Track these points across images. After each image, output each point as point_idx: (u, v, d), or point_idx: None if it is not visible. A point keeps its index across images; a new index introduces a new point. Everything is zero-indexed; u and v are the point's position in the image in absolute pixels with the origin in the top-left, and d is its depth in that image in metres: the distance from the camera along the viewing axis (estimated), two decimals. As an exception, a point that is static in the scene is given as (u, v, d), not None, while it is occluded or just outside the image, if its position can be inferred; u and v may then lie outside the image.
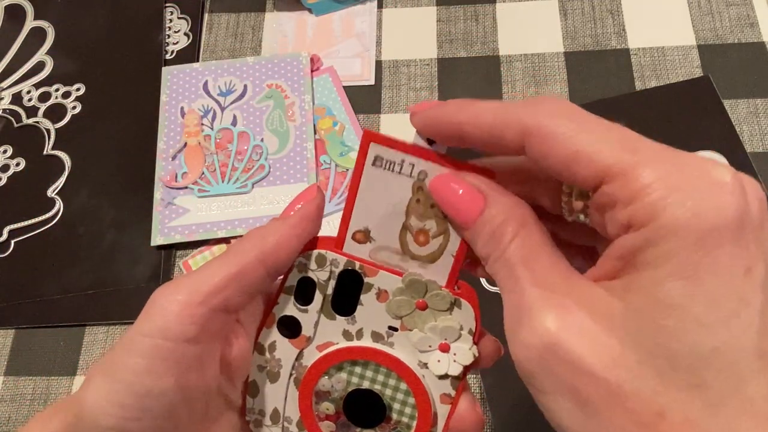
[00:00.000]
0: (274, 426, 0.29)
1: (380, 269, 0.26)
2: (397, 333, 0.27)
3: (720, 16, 0.59)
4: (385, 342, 0.27)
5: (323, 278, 0.27)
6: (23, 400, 0.51)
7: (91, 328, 0.53)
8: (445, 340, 0.26)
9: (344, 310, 0.27)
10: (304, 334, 0.27)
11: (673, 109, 0.55)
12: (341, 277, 0.26)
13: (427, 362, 0.27)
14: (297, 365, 0.28)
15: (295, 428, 0.29)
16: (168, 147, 0.58)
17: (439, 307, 0.26)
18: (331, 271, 0.26)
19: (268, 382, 0.28)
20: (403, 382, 0.27)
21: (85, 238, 0.56)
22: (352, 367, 0.27)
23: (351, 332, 0.27)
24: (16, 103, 0.62)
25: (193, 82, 0.60)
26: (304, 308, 0.27)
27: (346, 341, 0.27)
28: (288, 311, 0.27)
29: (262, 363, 0.28)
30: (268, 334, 0.28)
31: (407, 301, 0.26)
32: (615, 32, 0.60)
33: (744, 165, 0.52)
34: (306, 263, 0.27)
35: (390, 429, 0.28)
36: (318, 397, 0.28)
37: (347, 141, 0.57)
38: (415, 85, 0.60)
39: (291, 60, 0.60)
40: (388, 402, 0.28)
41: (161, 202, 0.55)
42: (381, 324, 0.27)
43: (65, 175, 0.59)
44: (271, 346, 0.28)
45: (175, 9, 0.66)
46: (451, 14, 0.63)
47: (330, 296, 0.27)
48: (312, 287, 0.27)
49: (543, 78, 0.59)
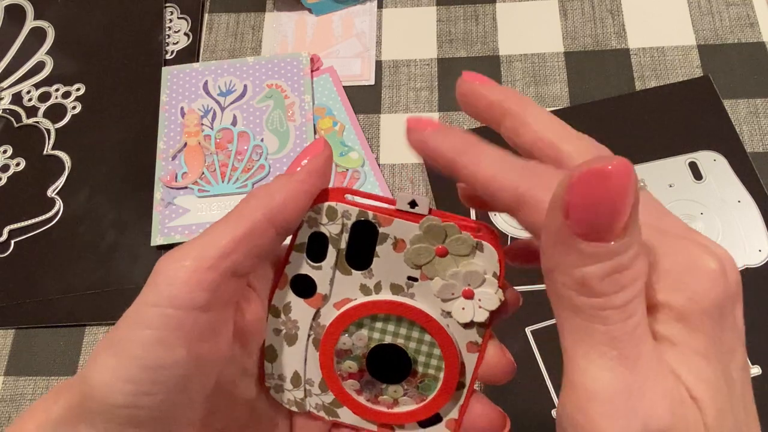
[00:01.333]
0: (295, 389, 0.28)
1: (395, 217, 0.25)
2: (418, 283, 0.25)
3: (720, 16, 0.59)
4: (405, 293, 0.26)
5: (335, 232, 0.25)
6: (23, 400, 0.51)
7: (91, 328, 0.53)
8: (469, 286, 0.25)
9: (360, 264, 0.25)
10: (320, 292, 0.26)
11: (673, 109, 0.55)
12: (354, 229, 0.25)
13: (450, 311, 0.25)
14: (314, 325, 0.27)
15: (317, 390, 0.28)
16: (168, 147, 0.58)
17: (460, 251, 0.24)
18: (343, 223, 0.25)
19: (285, 345, 0.27)
20: (427, 333, 0.26)
21: (85, 238, 0.56)
22: (372, 323, 0.26)
23: (369, 286, 0.26)
24: (16, 103, 0.62)
25: (193, 82, 0.60)
26: (317, 265, 0.26)
27: (364, 296, 0.26)
28: (301, 270, 0.26)
29: (278, 326, 0.27)
30: (282, 296, 0.26)
31: (426, 248, 0.25)
32: (615, 32, 0.60)
33: (744, 165, 0.53)
34: (316, 217, 0.25)
35: (417, 383, 0.27)
36: (339, 355, 0.27)
37: (347, 141, 0.57)
38: (415, 85, 0.60)
39: (291, 60, 0.60)
40: (412, 355, 0.27)
41: (161, 202, 0.56)
42: (400, 275, 0.25)
43: (65, 175, 0.59)
44: (285, 308, 0.27)
45: (175, 9, 0.66)
46: (451, 14, 0.63)
47: (344, 250, 0.25)
48: (324, 242, 0.25)
49: (543, 78, 0.59)
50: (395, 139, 0.57)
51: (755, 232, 0.50)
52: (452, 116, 0.58)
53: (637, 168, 0.53)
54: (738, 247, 0.50)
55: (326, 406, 0.28)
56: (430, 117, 0.55)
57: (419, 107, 0.59)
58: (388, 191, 0.55)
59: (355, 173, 0.56)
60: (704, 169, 0.53)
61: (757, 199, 0.51)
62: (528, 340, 0.48)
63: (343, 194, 0.25)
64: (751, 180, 0.52)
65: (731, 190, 0.52)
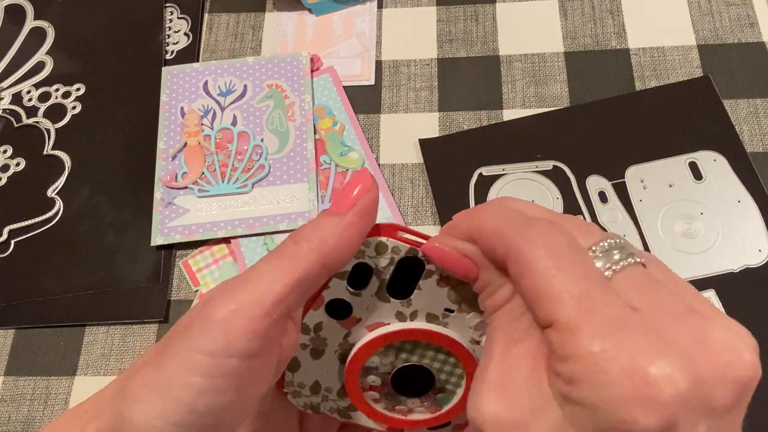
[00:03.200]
0: (313, 396, 0.29)
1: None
2: (453, 314, 0.26)
3: (720, 16, 0.59)
4: (439, 322, 0.27)
5: (382, 265, 0.26)
6: (23, 400, 0.51)
7: (91, 328, 0.53)
8: None
9: (400, 294, 0.26)
10: (355, 315, 0.27)
11: (673, 109, 0.55)
12: (401, 263, 0.26)
13: (480, 341, 0.27)
14: (343, 342, 0.27)
15: (335, 396, 0.29)
16: (168, 147, 0.58)
17: None
18: (392, 258, 0.25)
19: (310, 358, 0.28)
20: (452, 356, 0.27)
21: (85, 238, 0.56)
22: (402, 345, 0.27)
23: (405, 314, 0.27)
24: (16, 103, 0.62)
25: (193, 82, 0.60)
26: (357, 292, 0.26)
27: (398, 321, 0.27)
28: (339, 295, 0.26)
29: (305, 342, 0.27)
30: (315, 316, 0.27)
31: (468, 288, 0.25)
32: (615, 32, 0.60)
33: (744, 165, 0.53)
34: (364, 250, 0.25)
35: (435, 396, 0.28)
36: (364, 371, 0.28)
37: (347, 141, 0.57)
38: (415, 85, 0.60)
39: (291, 60, 0.60)
40: (435, 374, 0.28)
41: (161, 202, 0.55)
42: (437, 306, 0.26)
43: (65, 175, 0.59)
44: (317, 327, 0.27)
45: (175, 9, 0.66)
46: (451, 14, 0.63)
47: (386, 281, 0.26)
48: (369, 273, 0.26)
49: (543, 78, 0.59)
50: (395, 139, 0.57)
51: (755, 232, 0.50)
52: (452, 116, 0.58)
53: (637, 168, 0.53)
54: (738, 247, 0.50)
55: (341, 409, 0.29)
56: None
57: (419, 107, 0.59)
58: (389, 191, 0.55)
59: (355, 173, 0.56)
60: (704, 169, 0.53)
61: (757, 199, 0.51)
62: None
63: (395, 230, 0.25)
64: (751, 180, 0.52)
65: (731, 190, 0.52)
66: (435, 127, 0.58)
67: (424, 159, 0.56)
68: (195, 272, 0.54)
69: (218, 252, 0.54)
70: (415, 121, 0.58)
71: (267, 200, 0.55)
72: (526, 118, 0.57)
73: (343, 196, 0.24)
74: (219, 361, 0.22)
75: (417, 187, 0.56)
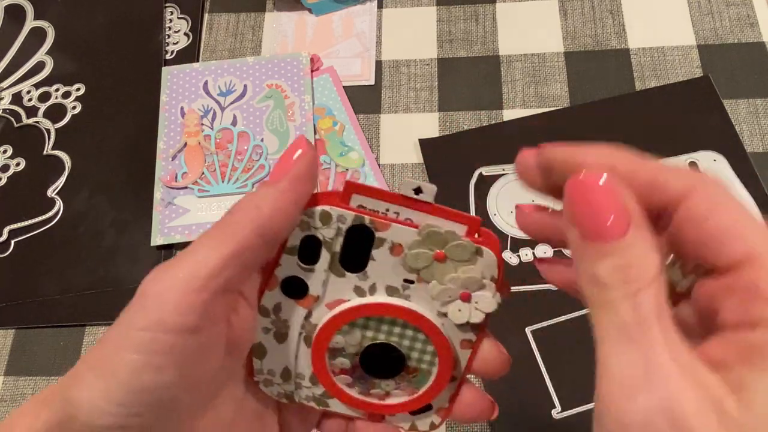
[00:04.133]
0: (285, 383, 0.28)
1: (392, 222, 0.24)
2: (414, 285, 0.25)
3: (720, 16, 0.59)
4: (400, 295, 0.26)
5: (329, 236, 0.25)
6: (23, 400, 0.51)
7: (91, 328, 0.53)
8: (466, 290, 0.25)
9: (354, 267, 0.25)
10: (312, 293, 0.26)
11: (673, 109, 0.55)
12: (349, 233, 0.24)
13: (446, 312, 0.25)
14: (306, 324, 0.27)
15: (308, 383, 0.28)
16: (168, 147, 0.58)
17: (459, 257, 0.24)
18: (338, 227, 0.24)
19: (275, 342, 0.27)
20: (421, 332, 0.26)
21: (85, 238, 0.56)
22: (366, 322, 0.26)
23: (363, 288, 0.26)
24: (16, 103, 0.62)
25: (193, 82, 0.60)
26: (309, 267, 0.25)
27: (358, 297, 0.26)
28: (292, 272, 0.25)
29: (267, 325, 0.26)
30: (272, 297, 0.26)
31: (425, 253, 0.24)
32: (615, 32, 0.60)
33: (744, 165, 0.53)
34: (309, 221, 0.24)
35: (410, 377, 0.27)
36: (331, 353, 0.27)
37: (347, 141, 0.57)
38: (415, 85, 0.60)
39: (291, 60, 0.60)
40: (406, 352, 0.27)
41: (161, 202, 0.56)
42: (396, 278, 0.25)
43: (65, 175, 0.59)
44: (275, 308, 0.26)
45: (175, 9, 0.66)
46: (451, 14, 0.63)
47: (338, 253, 0.25)
48: (317, 245, 0.25)
49: (543, 78, 0.59)
50: (395, 139, 0.57)
51: (755, 232, 0.50)
52: (452, 116, 0.58)
53: (637, 168, 0.53)
54: (738, 247, 0.50)
55: (317, 397, 0.28)
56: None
57: (419, 107, 0.59)
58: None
59: (355, 173, 0.56)
60: (704, 169, 0.53)
61: (757, 199, 0.51)
62: (528, 340, 0.48)
63: (339, 197, 0.24)
64: (751, 180, 0.52)
65: (731, 190, 0.52)
66: (435, 127, 0.58)
67: (424, 159, 0.56)
68: (195, 272, 0.54)
69: (218, 252, 0.54)
70: (415, 121, 0.58)
71: (267, 200, 0.55)
72: (526, 118, 0.57)
73: (279, 164, 0.24)
74: (153, 335, 0.21)
75: (417, 187, 0.55)
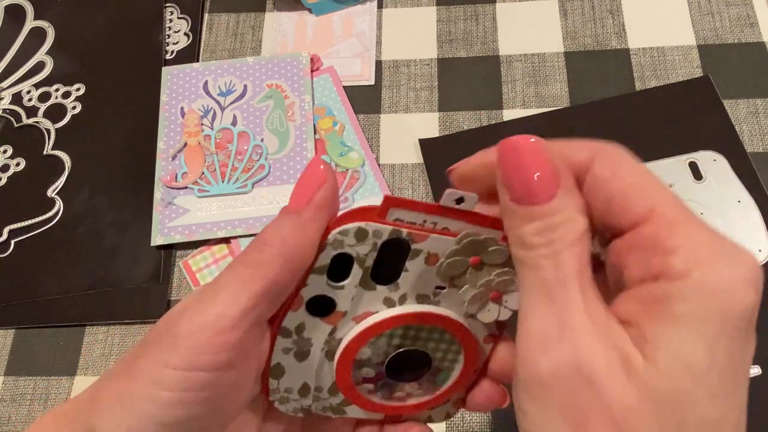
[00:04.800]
0: (303, 398, 0.27)
1: (431, 233, 0.24)
2: (445, 290, 0.25)
3: (720, 16, 0.59)
4: (431, 302, 0.25)
5: (363, 252, 0.24)
6: (23, 400, 0.51)
7: (91, 328, 0.53)
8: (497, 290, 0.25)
9: (386, 279, 0.25)
10: (339, 310, 0.25)
11: (673, 109, 0.55)
12: (384, 247, 0.24)
13: (474, 313, 0.25)
14: (329, 339, 0.26)
15: (326, 394, 0.27)
16: (168, 147, 0.58)
17: (495, 261, 0.24)
18: (374, 243, 0.24)
19: (295, 361, 0.26)
20: (447, 333, 0.26)
21: (85, 238, 0.56)
22: (392, 331, 0.26)
23: (393, 299, 0.25)
24: (16, 103, 0.62)
25: (193, 82, 0.60)
26: (339, 285, 0.25)
27: (387, 308, 0.25)
28: (320, 291, 0.25)
29: (288, 345, 0.26)
30: (295, 317, 0.25)
31: (461, 260, 0.24)
32: (615, 32, 0.60)
33: (744, 165, 0.53)
34: (343, 239, 0.24)
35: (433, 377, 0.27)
36: (357, 364, 0.26)
37: (347, 141, 0.57)
38: (415, 85, 0.60)
39: (291, 60, 0.60)
40: (431, 354, 0.27)
41: (161, 202, 0.55)
42: (427, 286, 0.25)
43: (65, 175, 0.59)
44: (298, 328, 0.25)
45: (175, 9, 0.66)
46: (451, 14, 0.63)
47: (370, 268, 0.24)
48: (349, 263, 0.24)
49: (543, 78, 0.59)
50: (395, 139, 0.57)
51: (755, 232, 0.50)
52: (452, 116, 0.58)
53: (637, 168, 0.53)
54: (738, 247, 0.50)
55: (334, 406, 0.28)
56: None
57: (419, 107, 0.59)
58: (388, 191, 0.55)
59: (355, 173, 0.56)
60: (704, 169, 0.53)
61: (757, 199, 0.51)
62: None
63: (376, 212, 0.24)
64: (751, 180, 0.52)
65: (731, 190, 0.52)
66: (435, 127, 0.58)
67: (424, 159, 0.56)
68: (195, 272, 0.54)
69: (218, 252, 0.54)
70: (415, 121, 0.58)
71: (267, 200, 0.55)
72: (526, 118, 0.57)
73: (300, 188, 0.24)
74: (186, 375, 0.22)
75: (417, 187, 0.56)
